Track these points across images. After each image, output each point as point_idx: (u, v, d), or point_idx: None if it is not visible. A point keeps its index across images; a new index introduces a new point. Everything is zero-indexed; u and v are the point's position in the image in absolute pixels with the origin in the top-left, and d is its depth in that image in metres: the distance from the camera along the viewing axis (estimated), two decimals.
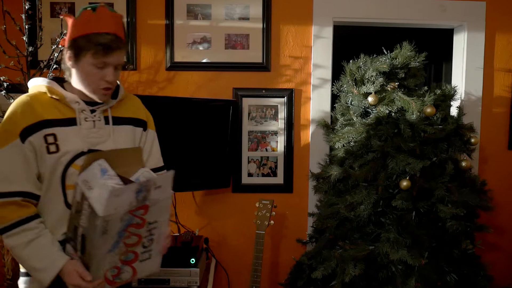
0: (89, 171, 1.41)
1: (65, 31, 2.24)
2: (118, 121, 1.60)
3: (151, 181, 1.39)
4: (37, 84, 1.55)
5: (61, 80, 1.59)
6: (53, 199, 1.49)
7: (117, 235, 1.38)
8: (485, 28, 2.68)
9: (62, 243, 1.48)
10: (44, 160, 1.46)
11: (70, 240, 1.46)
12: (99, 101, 1.55)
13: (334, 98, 2.55)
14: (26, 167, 1.45)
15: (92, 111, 1.55)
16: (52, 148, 1.46)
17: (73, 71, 1.52)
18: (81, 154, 1.48)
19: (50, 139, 1.46)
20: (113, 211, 1.33)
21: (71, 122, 1.50)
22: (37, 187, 1.48)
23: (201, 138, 2.47)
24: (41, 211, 1.49)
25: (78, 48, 1.46)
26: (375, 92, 2.23)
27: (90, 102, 1.55)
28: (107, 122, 1.57)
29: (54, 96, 1.51)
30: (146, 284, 2.17)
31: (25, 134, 1.45)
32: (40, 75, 2.29)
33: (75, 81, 1.53)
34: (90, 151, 1.49)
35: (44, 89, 1.52)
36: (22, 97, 1.52)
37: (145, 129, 1.69)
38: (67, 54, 1.50)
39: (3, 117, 2.34)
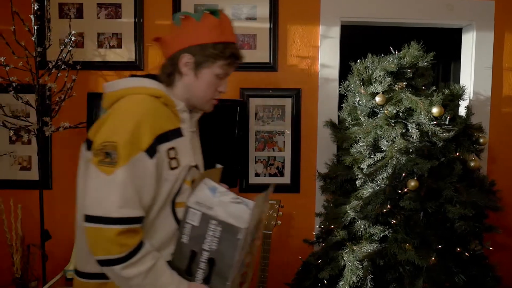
0: (198, 192, 1.35)
1: (73, 31, 2.30)
2: None
3: (268, 192, 1.37)
4: (148, 87, 1.37)
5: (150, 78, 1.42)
6: (164, 218, 1.35)
7: (244, 251, 1.32)
8: (494, 28, 2.66)
9: (169, 263, 1.35)
10: (165, 177, 1.31)
11: (175, 270, 1.34)
12: (205, 111, 1.48)
13: (342, 98, 2.54)
14: (149, 186, 1.28)
15: None
16: (174, 163, 1.32)
17: (186, 78, 1.39)
18: (190, 168, 1.38)
19: (172, 154, 1.32)
20: (252, 222, 1.28)
21: (179, 132, 1.37)
22: (146, 209, 1.31)
23: (208, 138, 2.47)
24: (147, 233, 1.32)
25: (205, 56, 1.35)
26: (383, 92, 2.22)
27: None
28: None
29: (165, 103, 1.36)
30: None
31: (153, 148, 1.27)
32: (49, 76, 2.31)
33: (184, 88, 1.41)
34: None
35: (158, 94, 1.35)
36: (142, 103, 1.32)
37: None
38: (184, 59, 1.37)
39: (11, 116, 2.38)
